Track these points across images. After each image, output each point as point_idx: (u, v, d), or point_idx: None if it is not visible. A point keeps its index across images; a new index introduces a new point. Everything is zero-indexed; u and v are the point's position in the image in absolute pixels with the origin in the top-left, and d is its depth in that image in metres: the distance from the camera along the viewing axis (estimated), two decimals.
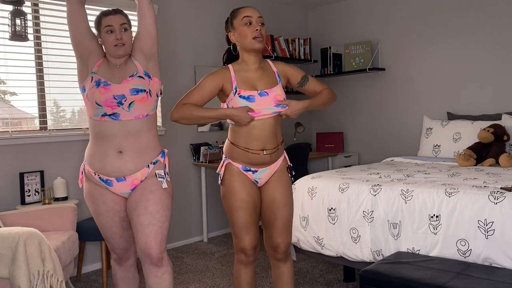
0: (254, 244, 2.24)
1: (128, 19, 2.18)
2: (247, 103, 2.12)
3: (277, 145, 2.22)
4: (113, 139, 2.11)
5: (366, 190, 2.80)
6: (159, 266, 2.13)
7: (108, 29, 2.10)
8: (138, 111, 2.12)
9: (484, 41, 4.33)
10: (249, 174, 2.21)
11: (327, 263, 3.67)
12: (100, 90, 2.08)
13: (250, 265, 2.29)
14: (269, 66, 2.27)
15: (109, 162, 2.12)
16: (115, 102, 2.08)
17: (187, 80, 4.48)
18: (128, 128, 2.12)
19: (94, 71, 2.13)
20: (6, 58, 3.46)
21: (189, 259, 3.98)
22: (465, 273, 2.17)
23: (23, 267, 2.31)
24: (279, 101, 2.17)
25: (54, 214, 3.14)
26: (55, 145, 3.64)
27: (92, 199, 2.21)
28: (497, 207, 2.32)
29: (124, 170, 2.13)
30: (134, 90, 2.11)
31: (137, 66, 2.17)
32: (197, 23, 4.59)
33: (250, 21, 2.14)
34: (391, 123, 5.06)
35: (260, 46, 2.15)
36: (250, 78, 2.18)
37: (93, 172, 2.16)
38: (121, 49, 2.11)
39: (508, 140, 3.70)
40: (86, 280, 3.57)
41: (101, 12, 2.16)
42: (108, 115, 2.10)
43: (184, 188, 4.46)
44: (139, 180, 2.16)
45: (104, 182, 2.16)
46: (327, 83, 5.61)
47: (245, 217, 2.19)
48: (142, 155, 2.15)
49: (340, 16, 5.46)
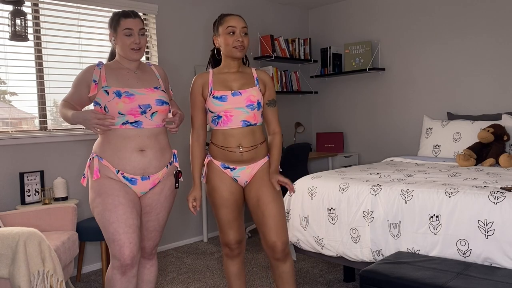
0: (238, 239, 2.35)
1: (144, 24, 2.25)
2: (219, 103, 2.21)
3: (255, 144, 2.27)
4: (135, 139, 2.13)
5: (366, 190, 2.80)
6: (149, 259, 2.35)
7: (127, 32, 2.13)
8: (159, 120, 2.19)
9: (484, 41, 4.33)
10: (228, 171, 2.29)
11: (327, 263, 3.67)
12: (124, 100, 2.09)
13: (236, 258, 2.40)
14: (250, 72, 2.36)
15: (134, 160, 2.11)
16: (139, 111, 2.12)
17: (187, 80, 4.48)
18: (149, 132, 2.17)
19: (105, 85, 2.12)
20: (6, 58, 3.46)
21: (189, 259, 3.98)
22: (465, 273, 2.17)
23: (23, 267, 2.31)
24: (278, 182, 2.26)
25: (54, 214, 3.14)
26: (55, 145, 3.64)
27: (110, 191, 2.07)
28: (497, 207, 2.32)
29: (150, 167, 2.15)
30: (160, 101, 2.18)
31: (160, 82, 2.28)
32: (197, 23, 4.59)
33: (234, 31, 2.22)
34: (391, 123, 5.07)
35: (240, 55, 2.25)
36: (226, 79, 2.28)
37: (115, 169, 2.11)
38: (138, 53, 2.17)
39: (508, 140, 3.70)
40: (86, 280, 3.57)
41: (120, 12, 2.17)
42: (130, 122, 2.12)
43: (184, 188, 4.46)
44: (159, 180, 2.21)
45: (128, 180, 2.12)
46: (327, 83, 5.61)
47: (228, 214, 2.30)
48: (163, 155, 2.22)
49: (340, 16, 5.46)
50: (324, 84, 5.66)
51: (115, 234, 2.02)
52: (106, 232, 2.06)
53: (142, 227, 2.26)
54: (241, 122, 2.24)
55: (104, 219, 2.05)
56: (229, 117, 2.23)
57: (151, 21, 4.26)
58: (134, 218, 2.07)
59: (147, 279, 2.35)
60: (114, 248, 2.03)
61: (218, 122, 2.25)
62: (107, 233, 2.05)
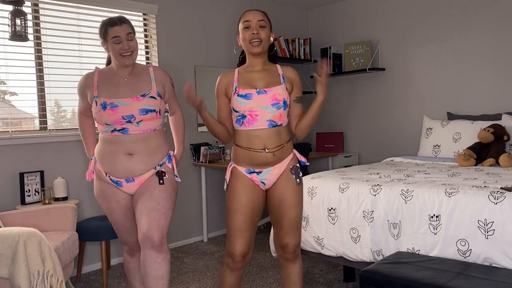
0: (244, 251, 2.20)
1: (132, 27, 2.26)
2: (244, 101, 2.14)
3: (281, 144, 2.20)
4: (124, 144, 2.22)
5: (366, 190, 2.80)
6: (159, 252, 2.13)
7: (115, 40, 2.18)
8: (146, 126, 2.24)
9: (484, 41, 4.33)
10: (254, 176, 2.19)
11: (327, 263, 3.67)
12: (108, 112, 2.18)
13: (236, 271, 2.25)
14: (276, 69, 2.27)
15: (119, 164, 2.22)
16: (124, 121, 2.19)
17: (187, 80, 4.48)
18: (137, 137, 2.24)
19: (95, 95, 2.22)
20: (6, 58, 3.46)
21: (189, 259, 3.98)
22: (465, 273, 2.17)
23: (23, 267, 2.31)
24: (319, 78, 2.14)
25: (54, 214, 3.14)
26: (55, 145, 3.64)
27: (104, 197, 2.32)
28: (497, 207, 2.31)
29: (134, 170, 2.23)
30: (144, 110, 2.20)
31: (152, 86, 2.26)
32: (197, 23, 4.59)
33: (249, 25, 2.16)
34: (391, 123, 5.06)
35: (257, 50, 2.16)
36: (252, 78, 2.21)
37: (104, 172, 2.26)
38: (129, 58, 2.22)
39: (508, 140, 3.70)
40: (86, 280, 3.57)
41: (106, 21, 2.21)
42: (117, 130, 2.21)
43: (184, 188, 4.46)
44: (144, 180, 2.27)
45: (115, 183, 2.28)
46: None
47: (241, 221, 2.17)
48: (151, 157, 2.26)
49: (340, 16, 5.46)
50: None
51: (118, 232, 2.44)
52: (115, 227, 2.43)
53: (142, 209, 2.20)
54: (267, 122, 2.15)
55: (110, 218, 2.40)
56: (254, 117, 2.15)
57: (151, 21, 4.26)
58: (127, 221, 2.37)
59: (159, 275, 2.15)
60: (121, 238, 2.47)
61: (242, 122, 2.17)
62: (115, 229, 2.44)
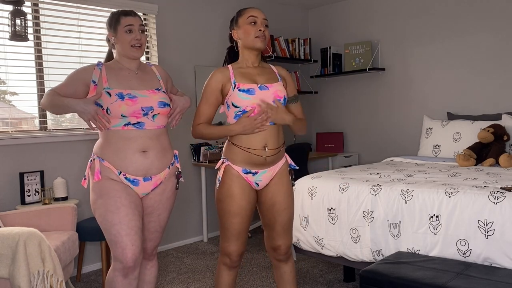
0: (240, 251, 2.22)
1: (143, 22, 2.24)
2: (247, 96, 2.11)
3: (279, 146, 2.21)
4: (138, 139, 2.11)
5: (366, 190, 2.80)
6: (149, 260, 2.34)
7: (128, 28, 2.13)
8: (160, 121, 2.18)
9: (484, 41, 4.33)
10: (249, 176, 2.17)
11: (327, 263, 3.67)
12: (126, 102, 2.06)
13: (233, 269, 2.27)
14: (270, 67, 2.29)
15: (136, 161, 2.09)
16: (142, 113, 2.10)
17: (187, 80, 4.48)
18: (152, 133, 2.15)
19: (106, 86, 2.09)
20: (6, 58, 3.46)
21: (189, 259, 3.98)
22: (465, 273, 2.17)
23: (23, 267, 2.31)
24: (275, 99, 2.15)
25: (54, 214, 3.14)
26: (55, 145, 3.64)
27: (112, 193, 2.05)
28: (497, 207, 2.31)
29: (152, 168, 2.13)
30: (162, 103, 2.17)
31: (161, 83, 2.25)
32: (197, 23, 4.59)
33: (255, 21, 2.16)
34: (391, 123, 5.06)
35: (262, 45, 2.16)
36: (250, 73, 2.19)
37: (117, 171, 2.08)
38: (138, 51, 2.16)
39: (508, 140, 3.70)
40: (86, 280, 3.57)
41: (119, 11, 2.17)
42: (132, 124, 2.09)
43: (184, 188, 4.46)
44: (160, 181, 2.19)
45: (130, 181, 2.10)
46: (327, 83, 5.61)
47: (240, 224, 2.16)
48: (164, 155, 2.19)
49: (340, 16, 5.46)
50: (324, 84, 5.66)
51: (117, 236, 2.00)
52: (108, 234, 2.03)
53: (144, 228, 2.24)
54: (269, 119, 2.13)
55: (106, 221, 2.02)
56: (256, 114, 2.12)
57: (151, 21, 4.26)
58: (136, 220, 2.05)
59: (147, 280, 2.34)
60: (117, 250, 2.01)
61: None
62: (110, 235, 2.02)
